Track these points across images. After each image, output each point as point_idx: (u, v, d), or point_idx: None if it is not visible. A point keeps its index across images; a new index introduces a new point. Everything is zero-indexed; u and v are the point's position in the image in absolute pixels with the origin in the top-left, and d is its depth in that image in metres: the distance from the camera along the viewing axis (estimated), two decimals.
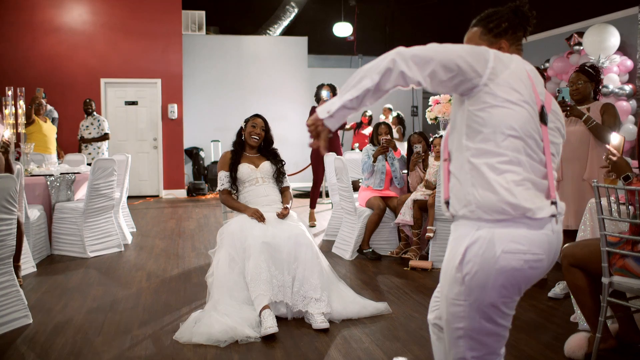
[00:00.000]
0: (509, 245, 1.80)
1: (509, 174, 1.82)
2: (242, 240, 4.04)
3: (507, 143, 1.83)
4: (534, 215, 1.80)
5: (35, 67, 10.80)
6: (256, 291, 3.80)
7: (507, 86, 1.83)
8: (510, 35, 2.08)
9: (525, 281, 1.85)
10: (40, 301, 4.42)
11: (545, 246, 1.84)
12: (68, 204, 6.05)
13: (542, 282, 4.86)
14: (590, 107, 4.35)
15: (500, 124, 1.82)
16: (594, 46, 8.30)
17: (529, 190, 1.83)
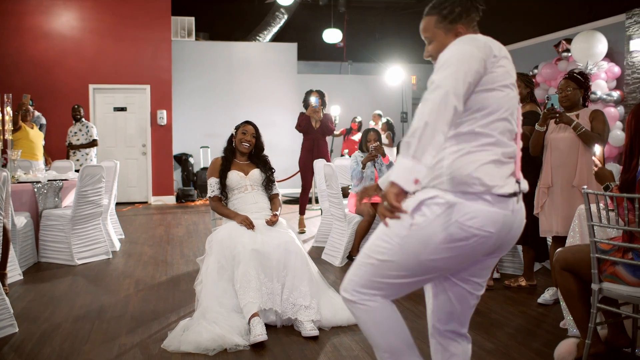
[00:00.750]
0: (464, 217, 1.90)
1: (486, 152, 1.93)
2: (231, 247, 4.00)
3: (497, 125, 1.95)
4: (497, 192, 1.90)
5: (24, 73, 10.73)
6: (245, 299, 3.77)
7: (495, 73, 1.94)
8: (465, 19, 2.13)
9: (467, 252, 1.94)
10: (27, 309, 4.37)
11: (499, 224, 1.93)
12: (55, 211, 5.99)
13: (532, 288, 4.87)
14: (579, 114, 4.36)
15: (497, 106, 1.94)
16: (582, 53, 8.35)
17: (499, 168, 1.93)
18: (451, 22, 2.12)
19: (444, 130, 1.78)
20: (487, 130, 1.94)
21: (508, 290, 4.86)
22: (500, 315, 4.23)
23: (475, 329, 3.91)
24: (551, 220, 4.37)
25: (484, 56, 1.91)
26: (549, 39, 10.17)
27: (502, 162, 1.95)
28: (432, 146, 1.76)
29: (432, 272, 2.01)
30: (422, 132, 1.76)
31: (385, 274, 2.02)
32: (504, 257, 5.39)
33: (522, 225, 2.08)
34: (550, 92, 8.94)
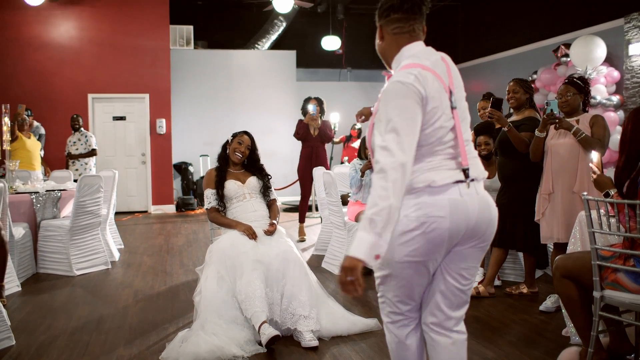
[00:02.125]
0: (408, 211, 2.05)
1: (417, 165, 2.06)
2: (233, 257, 3.97)
3: (420, 152, 2.06)
4: (435, 184, 2.04)
5: (23, 83, 10.73)
6: (252, 309, 3.72)
7: (428, 113, 2.04)
8: (384, 19, 2.21)
9: (428, 239, 2.06)
10: (24, 321, 4.33)
11: (445, 209, 2.05)
12: (54, 222, 5.96)
13: (534, 295, 4.84)
14: (579, 119, 4.33)
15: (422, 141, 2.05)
16: (581, 57, 8.33)
17: (434, 170, 2.07)
18: (378, 19, 2.23)
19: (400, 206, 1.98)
20: (424, 158, 2.08)
21: (509, 298, 4.82)
22: (502, 322, 4.19)
23: (476, 337, 3.88)
24: (552, 226, 4.34)
25: (419, 104, 2.02)
26: (547, 44, 10.16)
27: (437, 166, 2.08)
28: (394, 223, 1.96)
29: (415, 268, 2.13)
30: (388, 213, 1.91)
31: (389, 284, 2.22)
32: (505, 265, 5.36)
33: (487, 208, 2.15)
34: (550, 97, 8.91)
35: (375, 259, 1.93)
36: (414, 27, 2.20)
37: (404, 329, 2.28)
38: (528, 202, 4.65)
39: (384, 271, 2.20)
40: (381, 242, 1.91)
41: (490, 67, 12.15)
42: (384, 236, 1.91)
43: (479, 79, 12.51)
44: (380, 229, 1.90)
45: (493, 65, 12.01)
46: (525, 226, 4.70)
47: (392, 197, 1.91)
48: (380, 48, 2.28)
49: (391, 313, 2.28)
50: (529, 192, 4.65)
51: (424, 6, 2.19)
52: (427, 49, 2.21)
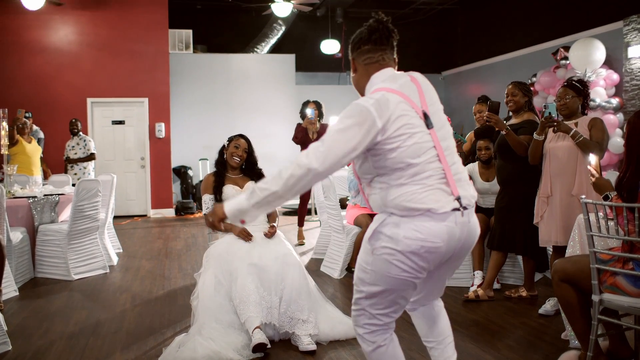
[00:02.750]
0: (410, 232, 2.14)
1: (411, 185, 2.15)
2: (229, 262, 3.95)
3: (407, 170, 2.15)
4: (437, 211, 2.14)
5: (22, 87, 10.72)
6: (246, 313, 3.70)
7: (397, 130, 2.12)
8: (356, 52, 2.35)
9: (424, 262, 2.18)
10: (21, 326, 4.31)
11: (444, 236, 2.16)
12: (52, 226, 5.94)
13: (534, 298, 4.81)
14: (578, 122, 4.32)
15: (399, 162, 2.14)
16: (580, 60, 8.33)
17: (432, 193, 2.15)
18: (350, 53, 2.38)
19: (288, 199, 2.14)
20: (413, 179, 2.16)
21: (509, 301, 4.80)
22: (501, 326, 4.17)
23: (475, 341, 3.86)
24: (550, 229, 4.32)
25: (367, 130, 2.09)
26: (547, 47, 10.16)
27: (432, 188, 2.16)
28: (271, 208, 2.17)
29: (408, 283, 2.23)
30: (269, 196, 2.12)
31: (377, 299, 2.27)
32: (505, 268, 5.33)
33: (474, 236, 2.31)
34: (549, 100, 8.90)
35: (241, 222, 2.19)
36: (384, 57, 2.33)
37: (382, 335, 2.34)
38: (527, 205, 4.63)
39: (376, 286, 2.25)
40: (251, 213, 2.16)
41: (489, 70, 12.15)
42: (256, 210, 2.15)
43: (478, 82, 12.51)
44: (255, 203, 2.13)
45: (492, 69, 12.01)
46: (525, 229, 4.68)
47: (282, 187, 2.10)
48: (354, 80, 2.42)
49: (368, 324, 2.33)
50: (528, 195, 4.63)
51: (391, 38, 2.33)
52: (396, 73, 2.32)
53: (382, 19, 2.32)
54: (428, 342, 2.66)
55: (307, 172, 2.08)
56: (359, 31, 2.35)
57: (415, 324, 2.70)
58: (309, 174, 2.08)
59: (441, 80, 14.06)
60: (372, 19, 2.32)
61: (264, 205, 2.14)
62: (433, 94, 2.35)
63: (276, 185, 2.10)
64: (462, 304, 4.76)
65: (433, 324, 2.64)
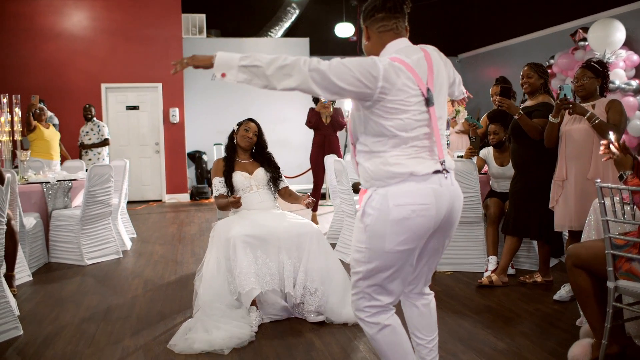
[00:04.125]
0: (398, 199, 2.17)
1: (395, 150, 2.20)
2: (226, 232, 4.01)
3: (395, 140, 2.20)
4: (418, 173, 2.18)
5: (36, 74, 10.76)
6: (248, 285, 3.76)
7: (394, 103, 2.15)
8: (369, 20, 2.34)
9: (417, 228, 2.19)
10: (33, 311, 4.33)
11: (430, 197, 2.19)
12: (65, 212, 5.96)
13: (548, 284, 4.73)
14: (595, 104, 4.20)
15: (387, 132, 2.19)
16: (599, 41, 8.14)
17: (414, 159, 2.20)
18: (363, 21, 2.38)
19: (271, 82, 2.13)
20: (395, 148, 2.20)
21: (523, 287, 4.73)
22: (514, 313, 4.10)
23: (488, 327, 3.80)
24: (565, 214, 4.23)
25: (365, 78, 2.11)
26: (565, 28, 9.95)
27: (415, 155, 2.21)
28: (254, 79, 2.13)
29: (405, 257, 2.24)
30: (258, 70, 2.11)
31: (374, 277, 2.26)
32: (520, 253, 5.25)
33: (458, 200, 2.32)
34: (567, 82, 8.73)
35: (222, 76, 2.14)
36: (397, 25, 2.33)
37: (384, 314, 2.33)
38: (542, 189, 4.54)
39: (372, 264, 2.25)
40: (234, 72, 2.12)
41: (506, 53, 11.95)
42: (240, 72, 2.12)
43: (495, 65, 12.32)
44: (242, 65, 2.11)
45: (509, 51, 11.81)
46: (539, 214, 4.59)
47: (267, 64, 2.10)
48: (367, 48, 2.41)
49: (369, 307, 2.31)
50: (543, 179, 4.53)
51: (405, 5, 2.33)
52: (411, 47, 2.32)
53: None
54: (418, 338, 2.57)
55: (293, 65, 2.10)
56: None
57: (408, 317, 2.61)
58: (294, 68, 2.10)
59: (457, 62, 13.86)
60: None
61: (249, 72, 2.13)
62: (443, 77, 2.36)
63: (265, 61, 2.12)
64: (475, 289, 4.70)
65: (428, 320, 2.58)
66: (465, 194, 5.11)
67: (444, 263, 5.25)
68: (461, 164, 5.12)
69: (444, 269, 5.26)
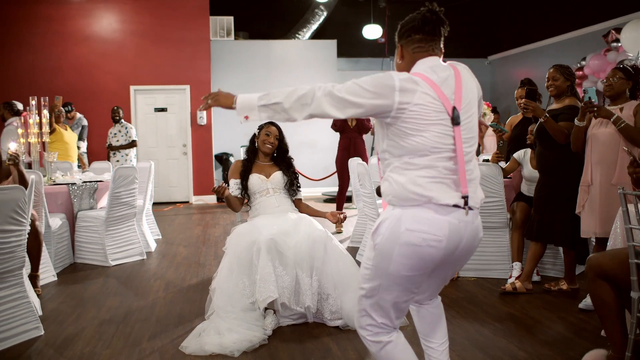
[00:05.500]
0: (412, 224, 2.11)
1: (420, 170, 2.13)
2: (250, 234, 4.00)
3: (420, 159, 2.13)
4: (438, 202, 2.10)
5: (66, 76, 10.93)
6: (266, 292, 3.72)
7: (414, 119, 2.09)
8: (405, 39, 2.30)
9: (424, 257, 2.13)
10: (55, 311, 4.38)
11: (445, 231, 2.12)
12: (90, 212, 6.03)
13: (574, 292, 4.62)
14: (624, 107, 4.09)
15: (412, 148, 2.12)
16: (633, 42, 7.93)
17: (437, 184, 2.13)
18: (398, 40, 2.33)
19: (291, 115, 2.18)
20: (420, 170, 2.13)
21: (548, 294, 4.62)
22: (537, 321, 4.00)
23: (509, 335, 3.71)
24: (590, 220, 4.12)
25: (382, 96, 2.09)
26: (597, 29, 9.74)
27: (440, 180, 2.13)
28: (275, 115, 2.21)
29: (408, 282, 2.20)
30: (278, 106, 2.18)
31: (376, 297, 2.23)
32: (545, 259, 5.13)
33: (478, 237, 2.27)
34: (599, 85, 8.54)
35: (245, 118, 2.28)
36: (433, 47, 2.28)
37: (386, 335, 2.29)
38: (568, 194, 4.43)
39: (375, 282, 2.22)
40: (255, 112, 2.24)
41: (537, 54, 11.75)
42: (260, 112, 2.23)
43: (525, 67, 12.12)
44: (262, 105, 2.21)
45: (540, 52, 11.61)
46: (565, 219, 4.48)
47: (285, 99, 2.17)
48: (399, 67, 2.36)
49: (370, 326, 2.29)
50: (570, 184, 4.42)
51: (443, 29, 2.28)
52: (441, 65, 2.25)
53: (436, 8, 2.28)
54: (428, 343, 2.58)
55: (309, 93, 2.14)
56: (411, 18, 2.29)
57: (417, 322, 2.62)
58: (310, 96, 2.14)
59: (487, 65, 13.69)
60: (425, 9, 2.27)
61: (269, 110, 2.21)
62: (473, 97, 2.28)
63: (282, 96, 2.18)
64: (498, 296, 4.61)
65: (437, 324, 2.58)
66: (490, 199, 5.02)
67: (467, 269, 5.17)
68: (486, 167, 5.03)
69: (467, 275, 5.17)
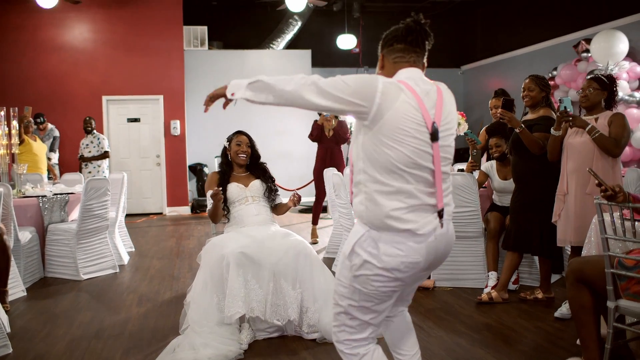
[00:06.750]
0: (390, 250, 2.10)
1: (395, 201, 2.08)
2: (221, 247, 3.94)
3: (394, 177, 2.07)
4: (418, 232, 2.09)
5: (37, 86, 10.75)
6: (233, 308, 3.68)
7: (392, 126, 2.04)
8: (387, 48, 2.27)
9: (402, 278, 2.15)
10: (24, 328, 4.26)
11: (423, 252, 2.12)
12: (61, 225, 5.90)
13: (550, 301, 4.64)
14: (599, 117, 4.13)
15: (387, 162, 2.06)
16: (602, 53, 8.08)
17: (414, 212, 2.09)
18: (381, 48, 2.30)
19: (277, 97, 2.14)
20: (397, 194, 2.08)
21: (523, 304, 4.63)
22: (514, 331, 4.00)
23: (486, 346, 3.70)
24: (566, 229, 4.14)
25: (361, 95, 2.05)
26: (567, 39, 9.90)
27: (416, 207, 2.10)
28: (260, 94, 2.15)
29: (386, 296, 2.19)
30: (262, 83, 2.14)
31: (356, 312, 2.22)
32: (521, 268, 5.15)
33: (451, 244, 2.26)
34: (570, 94, 8.66)
35: (231, 95, 2.21)
36: (415, 59, 2.24)
37: (363, 348, 2.28)
38: (543, 203, 4.46)
39: (354, 300, 2.21)
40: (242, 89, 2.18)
41: (509, 64, 11.90)
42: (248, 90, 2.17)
43: (498, 77, 12.26)
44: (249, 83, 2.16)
45: (512, 62, 11.76)
46: (541, 229, 4.50)
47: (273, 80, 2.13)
48: None
49: (349, 340, 2.27)
50: (545, 193, 4.45)
51: (427, 41, 2.25)
52: (424, 78, 2.22)
53: (421, 20, 2.25)
54: (400, 354, 2.57)
55: (293, 77, 2.13)
56: (395, 28, 2.27)
57: (386, 334, 2.61)
58: (294, 80, 2.12)
59: (460, 74, 13.82)
60: (410, 19, 2.24)
61: (255, 89, 2.16)
62: (453, 116, 2.24)
63: (271, 81, 2.15)
64: (474, 306, 4.60)
65: (407, 334, 2.59)
66: (465, 208, 5.03)
67: (443, 279, 5.17)
68: (461, 177, 5.04)
69: (443, 285, 5.16)
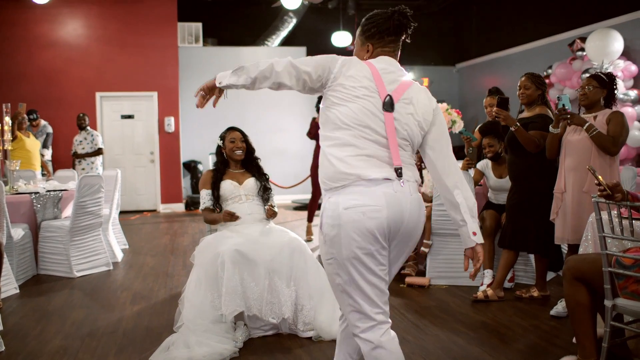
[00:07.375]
0: (348, 202, 2.16)
1: (344, 151, 2.19)
2: (215, 246, 3.92)
3: (343, 132, 2.21)
4: (367, 177, 2.16)
5: (30, 82, 10.68)
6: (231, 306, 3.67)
7: (342, 87, 2.23)
8: (377, 40, 2.38)
9: (370, 229, 2.14)
10: (17, 326, 4.22)
11: (381, 199, 2.15)
12: (54, 222, 5.85)
13: (545, 299, 4.64)
14: (597, 115, 4.12)
15: (335, 119, 2.23)
16: (597, 51, 8.08)
17: (363, 161, 2.18)
18: (366, 38, 2.41)
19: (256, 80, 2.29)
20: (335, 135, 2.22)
21: (519, 302, 4.62)
22: (510, 329, 4.00)
23: (482, 344, 3.70)
24: (564, 227, 4.14)
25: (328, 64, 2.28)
26: (562, 38, 9.90)
27: (366, 156, 2.19)
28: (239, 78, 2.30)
29: (370, 260, 2.17)
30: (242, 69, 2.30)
31: (352, 285, 2.20)
32: (517, 266, 5.15)
33: (416, 210, 2.24)
34: (565, 92, 8.66)
35: (219, 84, 2.35)
36: (394, 48, 2.41)
37: (377, 331, 2.22)
38: (540, 201, 4.45)
39: (343, 272, 2.20)
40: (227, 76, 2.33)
41: (504, 62, 11.89)
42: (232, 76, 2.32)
43: (492, 75, 12.26)
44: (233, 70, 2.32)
45: (507, 60, 11.76)
46: (537, 227, 4.50)
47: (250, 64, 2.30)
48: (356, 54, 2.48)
49: (360, 320, 2.23)
50: (541, 191, 4.45)
51: (406, 33, 2.40)
52: (396, 64, 2.37)
53: (407, 12, 2.36)
54: None
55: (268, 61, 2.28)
56: (383, 18, 2.36)
57: None
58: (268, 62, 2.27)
59: (455, 72, 13.82)
60: (397, 12, 2.35)
61: (236, 73, 2.31)
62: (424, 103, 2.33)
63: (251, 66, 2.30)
64: (470, 304, 4.60)
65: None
66: None
67: (439, 277, 5.16)
68: None
69: (439, 283, 5.16)
